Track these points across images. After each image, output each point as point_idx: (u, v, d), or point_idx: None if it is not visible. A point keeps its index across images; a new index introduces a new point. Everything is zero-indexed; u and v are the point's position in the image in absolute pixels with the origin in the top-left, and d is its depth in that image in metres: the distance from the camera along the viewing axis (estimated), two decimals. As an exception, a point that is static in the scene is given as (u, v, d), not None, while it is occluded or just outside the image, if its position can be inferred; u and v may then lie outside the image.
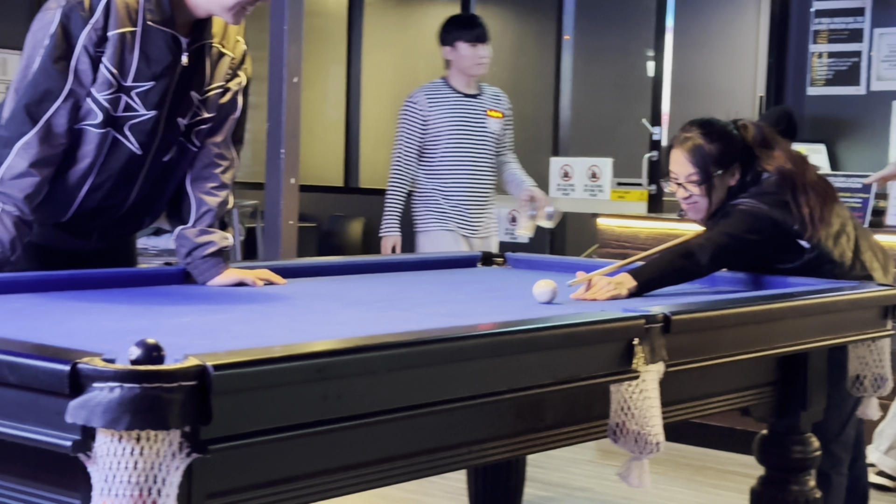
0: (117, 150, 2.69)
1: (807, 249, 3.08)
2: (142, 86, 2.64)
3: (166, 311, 2.35)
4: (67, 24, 2.56)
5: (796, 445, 2.85)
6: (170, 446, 1.47)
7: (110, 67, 2.60)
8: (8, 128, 2.60)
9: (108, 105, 2.62)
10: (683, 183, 3.12)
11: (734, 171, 3.11)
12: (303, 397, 1.63)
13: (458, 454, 2.04)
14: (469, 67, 5.02)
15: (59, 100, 2.59)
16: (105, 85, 2.61)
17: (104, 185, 2.74)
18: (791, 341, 2.65)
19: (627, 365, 2.13)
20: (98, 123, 2.64)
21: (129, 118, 2.66)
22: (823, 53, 6.50)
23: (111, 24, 2.58)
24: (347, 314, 2.38)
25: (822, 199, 3.08)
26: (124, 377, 1.44)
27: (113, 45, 2.59)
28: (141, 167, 2.75)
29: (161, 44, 2.64)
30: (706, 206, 3.12)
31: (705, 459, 4.97)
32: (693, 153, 3.09)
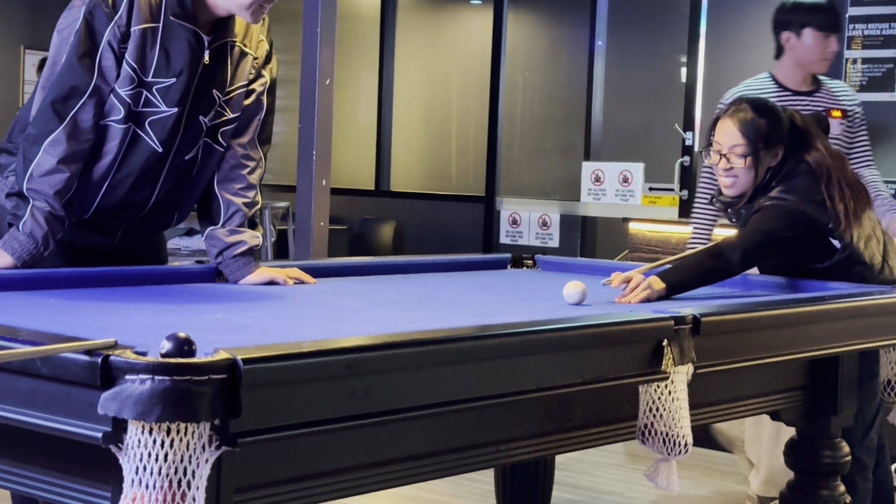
0: (137, 147, 2.70)
1: (838, 249, 3.07)
2: (162, 82, 2.65)
3: (197, 308, 2.37)
4: (92, 21, 2.59)
5: (826, 450, 2.83)
6: (200, 439, 1.48)
7: (131, 62, 2.61)
8: (35, 125, 2.62)
9: (129, 100, 2.64)
10: (728, 153, 3.10)
11: (777, 152, 3.10)
12: (331, 393, 1.64)
13: (486, 453, 2.05)
14: (812, 62, 4.19)
15: (85, 96, 2.60)
16: (126, 80, 2.62)
17: (125, 183, 2.74)
18: (822, 345, 2.64)
19: (657, 366, 2.13)
20: (120, 119, 2.65)
21: (149, 114, 2.67)
22: (857, 59, 6.46)
23: (134, 20, 2.60)
24: (377, 313, 2.39)
25: (856, 197, 3.07)
26: (155, 369, 1.45)
27: (135, 41, 2.60)
28: (162, 165, 2.75)
29: (182, 40, 2.65)
30: (746, 181, 3.09)
31: (734, 465, 4.94)
32: (744, 124, 3.08)
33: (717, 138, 3.13)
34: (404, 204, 8.85)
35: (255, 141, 2.89)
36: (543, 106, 9.08)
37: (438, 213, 8.60)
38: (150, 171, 2.74)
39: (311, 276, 2.88)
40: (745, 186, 3.11)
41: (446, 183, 9.70)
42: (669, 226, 5.42)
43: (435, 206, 8.69)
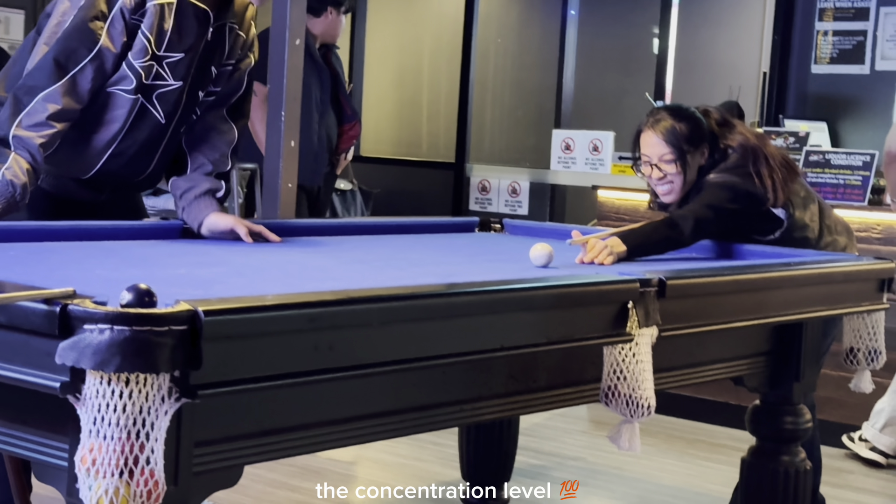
0: (144, 118, 2.79)
1: (783, 219, 3.17)
2: (172, 56, 2.74)
3: (162, 263, 2.34)
4: None
5: (788, 416, 2.85)
6: (159, 390, 1.47)
7: (148, 34, 2.70)
8: (33, 77, 2.64)
9: (142, 72, 2.72)
10: (657, 163, 3.16)
11: (703, 151, 3.18)
12: (294, 347, 1.62)
13: (450, 412, 2.04)
14: None
15: (88, 58, 2.65)
16: (141, 52, 2.71)
17: (127, 152, 2.83)
18: (786, 311, 2.65)
19: (621, 328, 2.12)
20: (130, 90, 2.74)
21: (157, 87, 2.77)
22: (829, 31, 6.47)
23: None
24: (343, 271, 2.38)
25: (784, 168, 3.18)
26: (115, 319, 1.43)
27: (151, 15, 2.69)
28: (163, 137, 2.85)
29: (192, 18, 2.75)
30: (680, 185, 3.17)
31: (698, 432, 4.98)
32: (666, 133, 3.15)
33: (644, 151, 3.20)
34: (374, 169, 8.80)
35: (228, 113, 2.98)
36: (515, 73, 9.04)
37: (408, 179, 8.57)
38: (152, 143, 2.84)
39: (276, 236, 2.85)
40: (681, 190, 3.19)
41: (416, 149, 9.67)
42: (638, 194, 5.42)
43: (405, 171, 8.65)
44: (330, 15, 5.36)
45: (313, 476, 4.05)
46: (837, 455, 4.60)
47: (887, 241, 4.72)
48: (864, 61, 6.38)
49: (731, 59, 7.43)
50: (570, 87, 8.03)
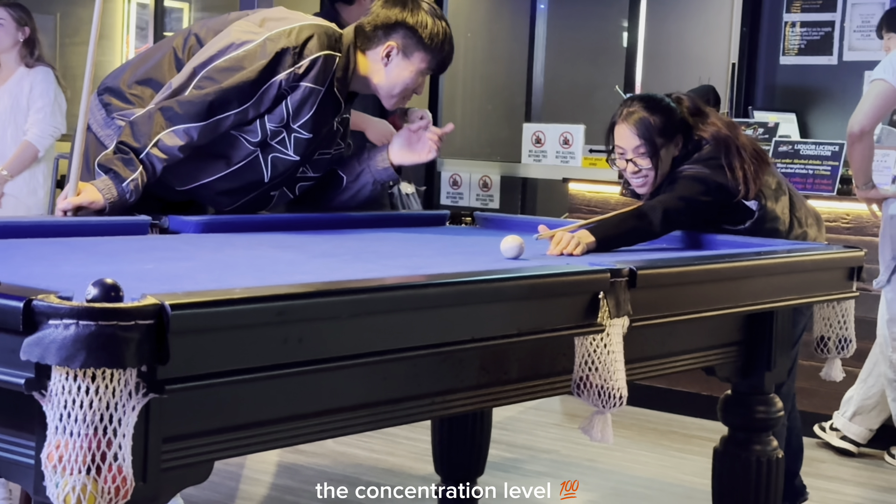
0: (251, 170, 3.00)
1: (754, 210, 3.18)
2: (301, 134, 2.97)
3: (129, 259, 2.32)
4: (276, 64, 2.87)
5: (760, 405, 2.86)
6: (126, 386, 1.45)
7: (290, 108, 2.93)
8: (183, 107, 2.85)
9: (270, 133, 2.95)
10: (631, 157, 3.16)
11: (677, 142, 3.19)
12: (263, 340, 1.61)
13: (422, 405, 2.04)
14: None
15: (236, 111, 2.88)
16: (278, 118, 2.94)
17: (218, 188, 3.03)
18: (757, 300, 2.65)
19: (592, 318, 2.11)
20: (254, 142, 2.96)
21: (277, 150, 2.99)
22: (797, 23, 6.49)
23: (308, 77, 2.90)
24: (313, 265, 2.36)
25: (755, 160, 3.19)
26: (80, 314, 1.41)
27: (301, 93, 2.92)
28: (256, 190, 3.06)
29: (329, 107, 3.00)
30: (654, 177, 3.17)
31: (671, 424, 5.00)
32: (639, 125, 3.15)
33: (618, 143, 3.21)
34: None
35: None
36: (485, 68, 9.04)
37: (379, 174, 8.55)
38: (244, 191, 3.06)
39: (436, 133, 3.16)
40: (655, 182, 3.19)
41: (387, 144, 9.66)
42: (609, 186, 5.43)
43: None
44: (365, 2, 4.92)
45: (284, 472, 4.03)
46: (810, 444, 4.62)
47: (856, 230, 4.75)
48: (831, 52, 6.41)
49: (700, 50, 7.45)
50: (540, 81, 8.04)
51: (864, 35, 6.27)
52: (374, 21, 3.03)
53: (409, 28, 3.00)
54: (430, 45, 3.01)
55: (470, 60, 9.18)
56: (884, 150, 4.60)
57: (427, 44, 3.00)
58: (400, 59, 3.00)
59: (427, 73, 3.06)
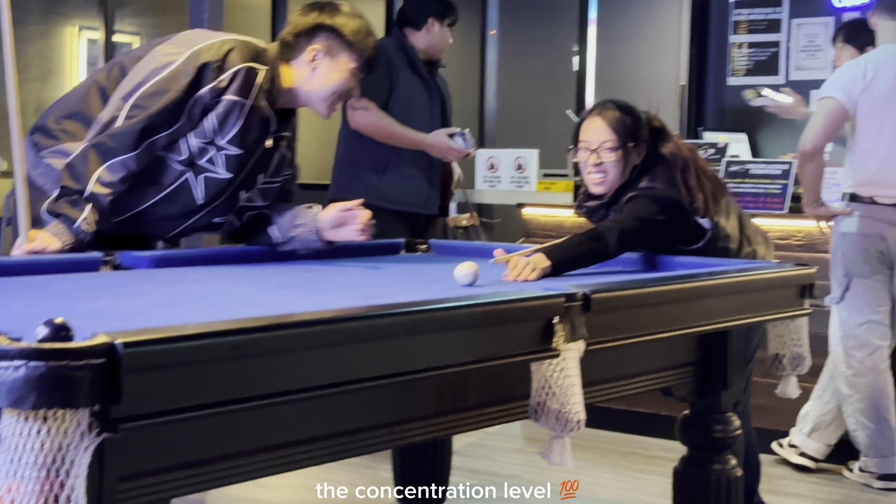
0: (184, 192, 2.98)
1: (708, 229, 3.22)
2: (230, 150, 2.95)
3: (81, 296, 2.30)
4: (199, 78, 2.87)
5: (718, 425, 2.87)
6: (78, 426, 1.43)
7: (214, 123, 2.91)
8: (116, 140, 2.84)
9: (196, 151, 2.93)
10: (598, 149, 3.18)
11: (641, 150, 3.22)
12: (217, 375, 1.60)
13: (380, 435, 2.03)
14: None
15: (165, 132, 2.88)
16: (202, 134, 2.92)
17: (156, 213, 3.01)
18: (711, 320, 2.67)
19: (548, 343, 2.12)
20: (181, 160, 2.94)
21: (207, 170, 2.97)
22: (743, 44, 6.58)
23: (231, 89, 2.90)
24: (267, 297, 2.36)
25: (713, 182, 3.24)
26: (29, 355, 1.40)
27: (224, 107, 2.90)
28: (194, 216, 3.04)
29: (258, 121, 2.97)
30: (614, 176, 3.20)
31: (631, 445, 5.01)
32: (612, 120, 3.20)
33: (585, 136, 3.23)
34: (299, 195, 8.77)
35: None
36: (437, 95, 9.05)
37: (334, 203, 8.54)
38: (183, 217, 3.04)
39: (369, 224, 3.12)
40: (613, 182, 3.22)
41: (342, 173, 9.64)
42: (564, 210, 5.46)
43: (330, 196, 8.62)
44: (433, 27, 4.89)
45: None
46: (768, 461, 4.65)
47: (808, 247, 4.80)
48: (778, 72, 6.50)
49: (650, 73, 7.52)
50: (493, 107, 8.07)
51: (809, 55, 6.36)
52: (293, 30, 3.03)
53: (329, 29, 3.00)
54: (354, 42, 3.00)
55: (422, 88, 9.20)
56: (832, 167, 4.66)
57: (351, 42, 3.00)
58: (327, 61, 2.99)
59: (358, 73, 3.04)
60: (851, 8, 6.30)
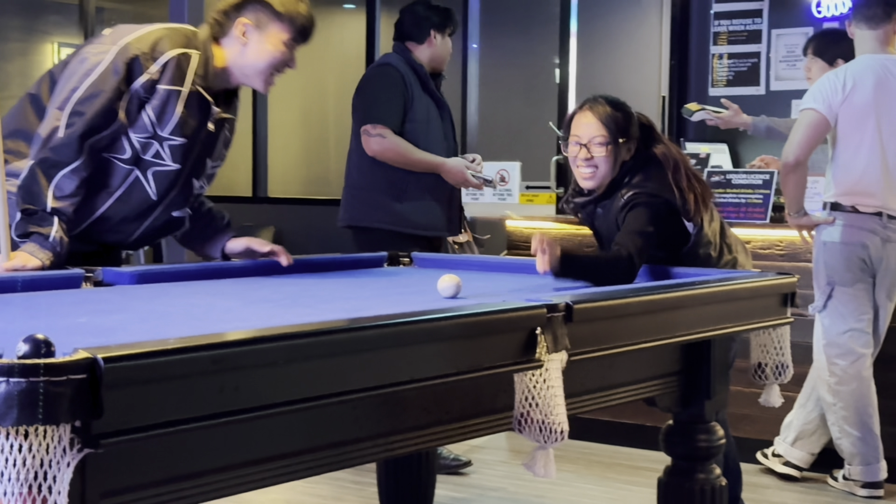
0: (136, 191, 2.96)
1: (693, 234, 3.23)
2: (174, 140, 2.93)
3: (62, 313, 2.29)
4: (130, 72, 2.85)
5: (701, 434, 2.88)
6: (60, 442, 1.43)
7: (151, 116, 2.89)
8: (58, 153, 2.83)
9: (139, 147, 2.91)
10: (588, 144, 3.19)
11: (630, 147, 3.24)
12: (198, 389, 1.59)
13: (364, 448, 2.02)
14: None
15: (106, 132, 2.86)
16: (142, 129, 2.90)
17: (114, 218, 2.99)
18: (693, 329, 2.68)
19: (531, 354, 2.12)
20: (125, 159, 2.91)
21: (154, 164, 2.94)
22: (724, 55, 6.60)
23: (164, 79, 2.87)
24: (249, 311, 2.35)
25: (701, 183, 3.26)
26: (10, 371, 1.40)
27: (160, 98, 2.88)
28: (152, 213, 3.03)
29: (196, 108, 2.95)
30: (604, 171, 3.21)
31: (616, 456, 5.01)
32: (603, 115, 3.22)
33: (576, 131, 3.24)
34: (283, 210, 8.76)
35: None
36: (420, 108, 9.07)
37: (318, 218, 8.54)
38: (141, 216, 3.02)
39: (289, 256, 3.11)
40: (603, 177, 3.22)
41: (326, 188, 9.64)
42: (546, 223, 5.46)
43: (314, 211, 8.62)
44: (434, 39, 4.81)
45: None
46: (753, 470, 4.65)
47: (790, 257, 4.82)
48: (759, 82, 6.52)
49: (631, 84, 7.55)
50: (475, 120, 8.08)
51: (789, 65, 6.38)
52: (221, 7, 3.00)
53: (257, 2, 2.96)
54: (284, 12, 2.97)
55: (404, 101, 9.21)
56: (814, 176, 4.68)
57: (280, 12, 2.96)
58: (257, 34, 2.96)
59: (292, 45, 3.00)
60: (831, 18, 6.33)
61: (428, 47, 4.80)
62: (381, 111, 4.61)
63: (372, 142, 4.61)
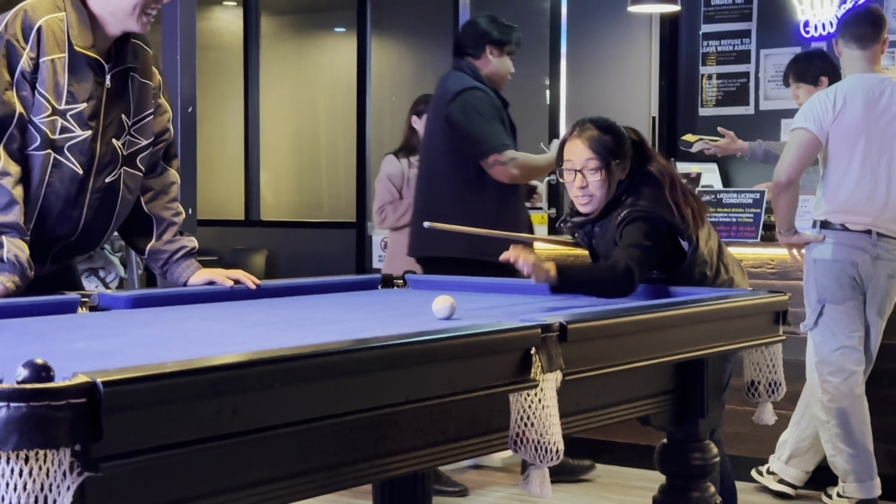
0: (60, 172, 2.86)
1: (688, 252, 3.24)
2: (74, 108, 2.83)
3: (59, 338, 2.30)
4: (8, 56, 2.76)
5: (696, 452, 2.89)
6: (60, 466, 1.44)
7: (44, 93, 2.79)
8: None
9: (46, 129, 2.81)
10: (582, 170, 3.21)
11: (625, 166, 3.26)
12: (197, 412, 1.60)
13: (360, 469, 2.03)
14: None
15: (12, 126, 2.77)
16: (41, 109, 2.80)
17: (53, 209, 2.89)
18: (687, 348, 2.69)
19: (525, 374, 2.14)
20: (38, 146, 2.81)
21: (66, 139, 2.84)
22: (713, 75, 6.65)
23: (42, 52, 2.78)
24: (245, 335, 2.36)
25: (696, 199, 3.28)
26: (10, 396, 1.41)
27: (45, 71, 2.78)
28: (85, 188, 2.91)
29: (85, 68, 2.84)
30: (601, 196, 3.24)
31: (611, 476, 5.02)
32: (592, 141, 3.23)
33: (569, 157, 3.27)
34: (275, 233, 8.78)
35: (167, 161, 3.16)
36: (411, 130, 9.10)
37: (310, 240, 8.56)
38: (75, 196, 2.91)
39: (254, 279, 3.10)
40: (600, 201, 3.25)
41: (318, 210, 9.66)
42: (538, 243, 5.47)
43: (306, 233, 8.65)
44: (490, 56, 4.62)
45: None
46: (748, 489, 4.66)
47: (781, 275, 4.84)
48: (748, 102, 6.56)
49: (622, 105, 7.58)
50: (466, 141, 8.09)
51: (778, 84, 6.43)
52: None
53: None
54: None
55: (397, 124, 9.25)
56: (804, 195, 4.71)
57: None
58: None
59: None
60: (819, 38, 6.38)
61: (485, 64, 4.63)
62: (499, 137, 4.45)
63: (509, 169, 4.42)
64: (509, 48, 4.66)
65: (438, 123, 4.58)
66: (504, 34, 4.65)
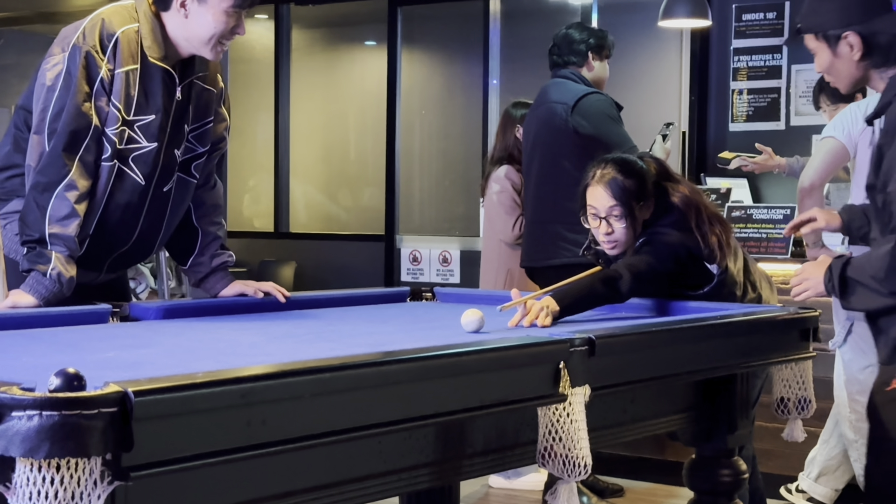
0: (123, 182, 2.90)
1: (715, 274, 3.22)
2: (143, 119, 2.88)
3: (90, 348, 2.32)
4: (88, 68, 2.79)
5: (724, 469, 2.88)
6: (91, 474, 1.45)
7: (117, 104, 2.83)
8: (45, 174, 2.78)
9: (115, 139, 2.85)
10: (606, 216, 3.19)
11: (649, 205, 3.21)
12: (226, 423, 1.62)
13: (388, 482, 2.04)
14: None
15: (88, 138, 2.80)
16: (112, 120, 2.84)
17: (113, 217, 2.93)
18: (716, 364, 2.68)
19: (554, 388, 2.14)
20: (108, 157, 2.85)
21: (132, 150, 2.88)
22: (744, 90, 6.62)
23: (118, 63, 2.82)
24: (274, 346, 2.38)
25: (722, 225, 3.25)
26: (43, 405, 1.42)
27: (119, 83, 2.83)
28: (145, 198, 2.96)
29: (158, 80, 2.89)
30: (627, 239, 3.21)
31: (640, 492, 4.99)
32: (613, 187, 3.18)
33: (592, 203, 3.23)
34: (304, 245, 8.80)
35: (219, 172, 3.23)
36: (440, 144, 9.12)
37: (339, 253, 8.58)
38: (135, 205, 2.95)
39: (284, 292, 3.13)
40: (626, 245, 3.24)
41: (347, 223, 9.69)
42: (566, 258, 5.46)
43: (335, 246, 8.66)
44: (594, 62, 4.67)
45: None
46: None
47: (812, 291, 4.80)
48: (779, 118, 6.53)
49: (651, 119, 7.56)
50: (496, 156, 8.10)
51: (808, 100, 6.39)
52: None
53: None
54: None
55: (426, 137, 9.27)
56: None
57: None
58: (196, 6, 2.85)
59: (233, 11, 2.86)
60: (850, 53, 6.34)
61: (588, 70, 4.66)
62: (630, 139, 4.46)
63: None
64: (608, 52, 4.73)
65: (557, 131, 4.56)
66: (601, 39, 4.70)
